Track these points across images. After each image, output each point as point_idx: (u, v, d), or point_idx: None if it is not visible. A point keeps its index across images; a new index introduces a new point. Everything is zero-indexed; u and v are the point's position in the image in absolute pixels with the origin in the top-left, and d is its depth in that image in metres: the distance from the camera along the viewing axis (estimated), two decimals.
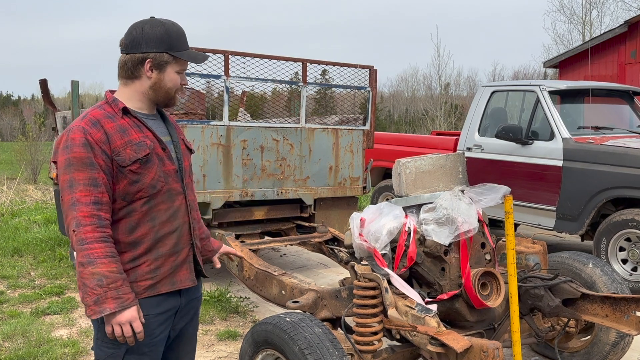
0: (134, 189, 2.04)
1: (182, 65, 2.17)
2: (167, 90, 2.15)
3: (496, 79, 36.96)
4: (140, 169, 2.04)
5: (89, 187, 1.96)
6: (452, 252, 3.13)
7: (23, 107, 55.36)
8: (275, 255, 7.02)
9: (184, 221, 2.18)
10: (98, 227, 1.95)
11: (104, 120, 2.04)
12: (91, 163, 1.97)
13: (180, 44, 2.13)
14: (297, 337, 2.62)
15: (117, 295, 1.92)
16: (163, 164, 2.12)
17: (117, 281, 1.93)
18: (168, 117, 2.30)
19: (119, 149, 2.02)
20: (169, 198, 2.12)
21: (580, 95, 6.62)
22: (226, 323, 4.73)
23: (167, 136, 2.20)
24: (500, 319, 3.22)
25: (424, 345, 2.76)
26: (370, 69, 6.03)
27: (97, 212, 1.96)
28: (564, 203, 5.93)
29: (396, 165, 3.41)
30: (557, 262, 3.74)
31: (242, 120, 6.37)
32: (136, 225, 2.06)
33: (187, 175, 2.23)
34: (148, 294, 2.08)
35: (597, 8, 24.26)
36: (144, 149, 2.05)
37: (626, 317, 3.04)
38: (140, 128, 2.10)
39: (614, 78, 12.94)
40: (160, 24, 2.11)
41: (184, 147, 2.27)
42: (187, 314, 2.29)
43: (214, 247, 2.55)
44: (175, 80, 2.15)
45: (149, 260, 2.08)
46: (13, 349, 4.07)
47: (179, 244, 2.16)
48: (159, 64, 2.10)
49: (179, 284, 2.16)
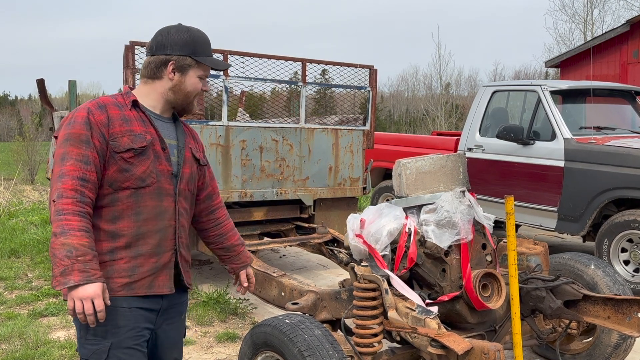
0: (122, 177, 2.04)
1: (205, 70, 2.21)
2: (187, 94, 2.19)
3: (497, 78, 36.95)
4: (133, 159, 2.05)
5: (79, 163, 1.98)
6: (453, 253, 3.11)
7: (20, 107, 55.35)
8: (274, 257, 6.99)
9: (169, 224, 2.15)
10: (79, 201, 1.94)
11: (110, 106, 2.08)
12: (87, 141, 2.00)
13: (204, 50, 2.19)
14: (296, 339, 2.61)
15: (84, 269, 1.88)
16: (158, 162, 2.11)
17: (86, 255, 1.90)
18: (182, 125, 2.31)
19: (117, 135, 2.04)
20: (157, 196, 2.11)
21: (582, 95, 6.60)
22: (225, 325, 4.70)
23: (172, 140, 2.20)
24: (501, 321, 3.21)
25: (424, 347, 2.75)
26: (370, 68, 6.01)
27: (82, 188, 1.96)
28: (566, 204, 5.90)
29: (396, 166, 3.40)
30: (559, 263, 3.73)
31: (241, 121, 6.35)
32: (119, 216, 2.05)
33: (184, 182, 2.21)
34: (124, 294, 2.05)
35: (598, 7, 24.22)
36: (141, 140, 2.07)
37: (628, 319, 3.03)
38: (144, 123, 2.12)
39: (616, 78, 12.92)
40: (186, 29, 2.18)
41: (189, 155, 2.25)
42: (171, 318, 2.25)
43: (245, 260, 2.56)
44: (196, 85, 2.19)
45: (127, 257, 2.06)
46: (10, 351, 4.05)
47: (161, 246, 2.12)
48: (181, 66, 2.15)
49: (157, 289, 2.12)
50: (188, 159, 2.24)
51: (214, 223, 2.47)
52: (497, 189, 6.48)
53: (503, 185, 6.49)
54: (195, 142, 2.36)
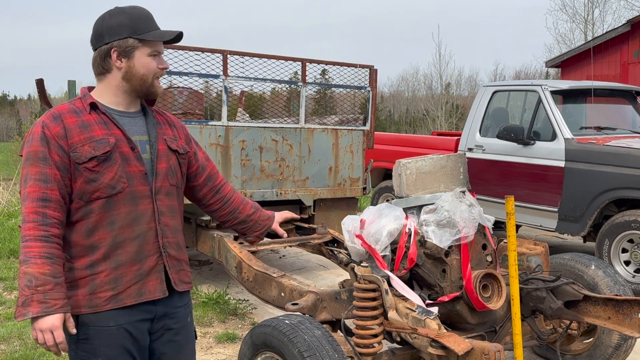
0: (91, 188, 1.94)
1: (153, 46, 2.03)
2: (141, 77, 2.03)
3: (497, 78, 36.95)
4: (98, 167, 1.94)
5: (39, 183, 1.90)
6: (453, 253, 3.10)
7: (19, 107, 55.30)
8: (274, 257, 6.98)
9: (148, 227, 2.03)
10: (40, 224, 1.87)
11: (66, 115, 1.96)
12: (44, 158, 1.91)
13: (145, 25, 2.01)
14: (296, 339, 2.60)
15: (43, 299, 1.81)
16: (127, 164, 1.99)
17: (46, 284, 1.83)
18: (153, 115, 2.16)
19: (77, 145, 1.93)
20: (131, 201, 1.99)
21: (583, 95, 6.59)
22: (225, 325, 4.69)
23: (143, 135, 2.07)
24: (501, 321, 3.20)
25: (424, 347, 2.74)
26: (370, 68, 6.00)
27: (43, 209, 1.88)
28: (566, 204, 5.89)
29: (396, 166, 3.39)
30: (559, 263, 3.72)
31: (241, 121, 6.35)
32: (94, 228, 1.96)
33: (161, 178, 2.08)
34: (111, 307, 1.97)
35: (599, 7, 24.26)
36: (103, 146, 1.94)
37: (629, 320, 3.02)
38: (106, 125, 1.99)
39: (616, 78, 12.91)
40: (120, 11, 2.02)
41: (164, 148, 2.10)
42: (174, 323, 2.15)
43: (269, 215, 2.53)
44: (149, 65, 2.03)
45: (107, 270, 1.97)
46: (9, 352, 4.04)
47: (142, 252, 2.02)
48: (124, 50, 1.99)
49: (148, 294, 2.03)
50: (163, 153, 2.10)
51: (222, 202, 2.40)
52: (497, 189, 6.47)
53: (503, 185, 6.48)
54: (173, 129, 2.21)
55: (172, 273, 2.11)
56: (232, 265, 4.34)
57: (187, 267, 2.21)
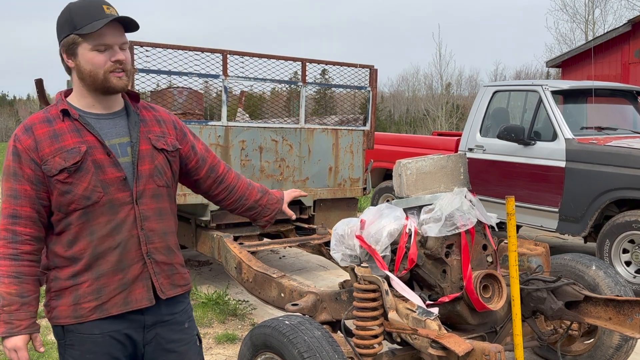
0: (66, 200, 1.88)
1: (97, 39, 1.86)
2: (90, 74, 1.89)
3: (498, 78, 36.91)
4: (70, 179, 1.86)
5: (10, 199, 1.87)
6: (454, 254, 3.09)
7: (19, 107, 55.18)
8: (274, 257, 6.97)
9: (130, 235, 1.94)
10: (10, 242, 1.86)
11: (38, 125, 1.90)
12: (14, 173, 1.87)
13: (84, 18, 1.86)
14: (296, 340, 2.59)
15: (9, 320, 1.83)
16: (102, 172, 1.90)
17: (12, 304, 1.83)
18: (138, 113, 2.05)
19: (47, 157, 1.86)
20: (110, 210, 1.91)
21: (583, 95, 6.58)
22: (224, 326, 4.68)
23: (123, 137, 1.97)
24: (502, 322, 3.19)
25: (425, 348, 2.74)
26: (371, 68, 5.99)
27: (13, 226, 1.86)
28: (567, 204, 5.88)
29: (397, 166, 3.38)
30: (560, 264, 3.72)
31: (241, 121, 6.33)
32: (74, 239, 1.91)
33: (144, 181, 1.98)
34: (96, 316, 1.93)
35: (600, 7, 24.22)
36: (74, 156, 1.86)
37: (630, 320, 3.01)
38: (79, 132, 1.90)
39: (617, 78, 12.90)
40: (66, 7, 1.92)
41: (147, 148, 2.00)
42: (168, 331, 2.08)
43: (277, 197, 2.46)
44: (93, 60, 1.88)
45: (90, 280, 1.92)
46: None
47: (124, 261, 1.94)
48: (69, 49, 1.90)
49: (134, 304, 1.96)
50: (146, 153, 1.99)
51: (227, 192, 2.33)
52: (498, 190, 6.46)
53: (504, 185, 6.47)
54: (162, 125, 2.09)
55: (161, 279, 2.03)
56: (231, 266, 4.33)
57: (181, 269, 2.13)
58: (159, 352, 2.07)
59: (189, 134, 2.22)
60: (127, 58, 1.94)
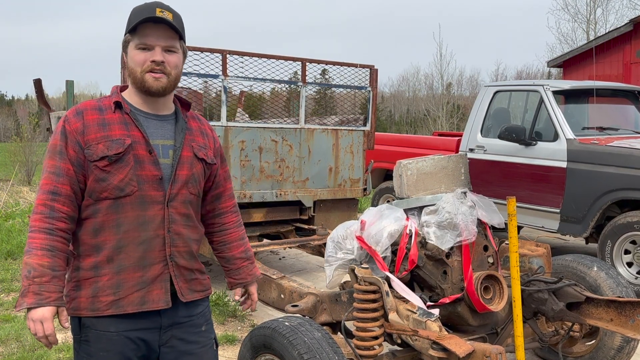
0: (100, 187, 1.93)
1: (141, 37, 1.95)
2: (131, 72, 1.98)
3: (499, 78, 36.85)
4: (109, 167, 1.92)
5: (52, 176, 1.92)
6: (454, 255, 3.08)
7: (17, 108, 55.01)
8: (274, 258, 6.96)
9: (155, 234, 1.97)
10: (47, 217, 1.88)
11: (89, 111, 1.97)
12: (61, 152, 1.93)
13: (137, 17, 1.94)
14: (296, 341, 2.59)
15: (38, 291, 1.83)
16: (140, 167, 1.95)
17: (43, 276, 1.84)
18: (186, 121, 2.11)
19: (92, 142, 1.92)
20: (140, 205, 1.95)
21: (585, 96, 6.56)
22: (224, 327, 4.67)
23: (168, 140, 2.02)
24: (503, 323, 3.18)
25: (425, 350, 2.73)
26: (371, 68, 5.97)
27: (52, 202, 1.90)
28: (568, 205, 5.87)
29: (397, 167, 3.37)
30: (561, 265, 3.71)
31: (240, 121, 6.32)
32: (100, 228, 1.95)
33: (179, 185, 2.02)
34: (112, 312, 1.94)
35: (601, 6, 24.23)
36: (117, 146, 1.92)
37: (631, 321, 3.00)
38: (127, 126, 1.96)
39: (619, 78, 12.87)
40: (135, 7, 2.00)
41: (189, 155, 2.05)
42: (184, 333, 2.08)
43: (254, 273, 2.38)
44: (135, 58, 1.96)
45: (110, 274, 1.95)
46: (7, 354, 4.02)
47: (146, 259, 1.97)
48: (124, 46, 2.00)
49: (150, 304, 1.97)
50: (187, 159, 2.04)
51: (218, 228, 2.29)
52: (499, 190, 6.44)
53: (505, 186, 6.45)
54: (205, 138, 2.15)
55: (180, 282, 2.05)
56: None
57: (200, 275, 2.14)
58: (175, 353, 2.08)
59: (221, 157, 2.25)
60: (170, 61, 1.98)
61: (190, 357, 2.10)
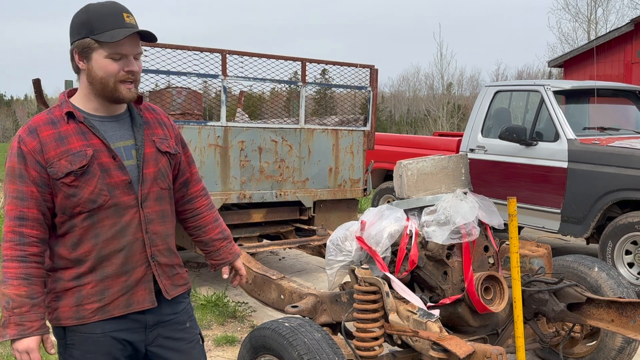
0: (71, 203, 1.88)
1: (113, 48, 1.86)
2: (101, 81, 1.89)
3: (500, 78, 36.88)
4: (76, 182, 1.86)
5: (16, 200, 1.86)
6: (455, 255, 3.07)
7: (16, 108, 55.02)
8: (273, 259, 6.95)
9: (135, 238, 1.96)
10: (17, 244, 1.85)
11: (42, 127, 1.88)
12: (21, 175, 1.86)
13: (104, 24, 1.85)
14: (296, 342, 2.58)
15: (20, 322, 1.82)
16: (108, 176, 1.90)
17: (23, 306, 1.82)
18: (141, 115, 2.06)
19: (53, 160, 1.85)
20: (115, 213, 1.92)
21: (586, 96, 6.55)
22: (224, 328, 4.66)
23: (128, 140, 1.98)
24: (503, 324, 3.17)
25: (425, 350, 2.72)
26: (371, 68, 5.96)
27: (20, 228, 1.85)
28: (569, 205, 5.85)
29: (397, 167, 3.36)
30: (562, 265, 3.70)
31: (240, 121, 6.31)
32: (79, 242, 1.91)
33: (148, 184, 1.99)
34: (99, 318, 1.93)
35: (602, 6, 24.27)
36: (80, 159, 1.86)
37: (632, 322, 2.99)
38: (84, 135, 1.90)
39: (620, 78, 12.86)
40: (85, 8, 1.90)
41: (152, 151, 2.01)
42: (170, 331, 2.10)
43: (235, 250, 2.36)
44: (107, 68, 1.87)
45: (94, 282, 1.92)
46: (6, 355, 4.02)
47: (129, 264, 1.96)
48: (82, 51, 1.88)
49: (136, 305, 1.98)
50: (151, 156, 2.00)
51: (190, 213, 2.26)
52: (499, 191, 6.43)
53: (505, 186, 6.44)
54: (164, 128, 2.10)
55: (164, 280, 2.05)
56: None
57: (180, 269, 2.15)
58: (163, 351, 2.08)
59: (181, 142, 2.22)
60: (139, 69, 1.95)
61: (179, 354, 2.11)
